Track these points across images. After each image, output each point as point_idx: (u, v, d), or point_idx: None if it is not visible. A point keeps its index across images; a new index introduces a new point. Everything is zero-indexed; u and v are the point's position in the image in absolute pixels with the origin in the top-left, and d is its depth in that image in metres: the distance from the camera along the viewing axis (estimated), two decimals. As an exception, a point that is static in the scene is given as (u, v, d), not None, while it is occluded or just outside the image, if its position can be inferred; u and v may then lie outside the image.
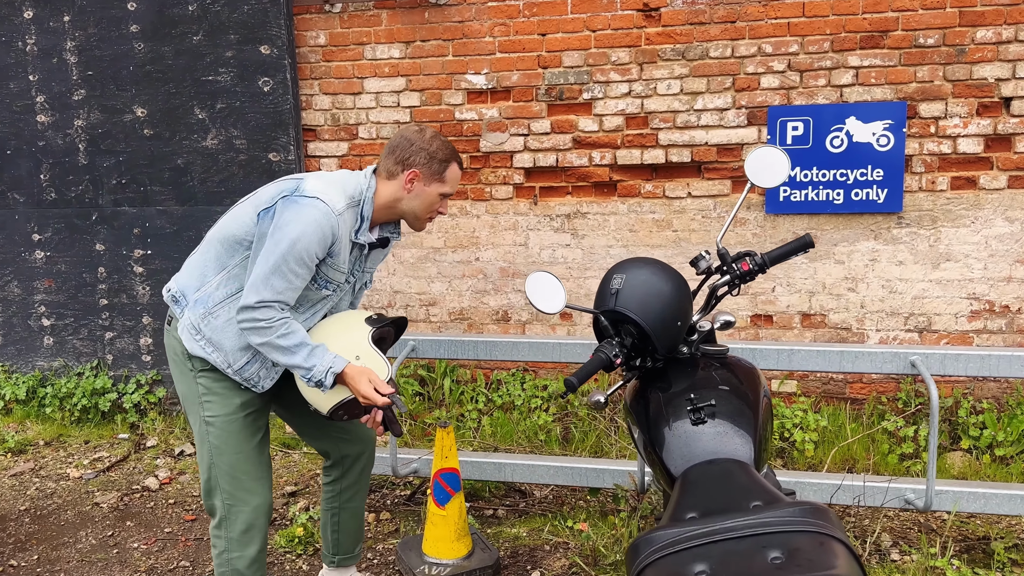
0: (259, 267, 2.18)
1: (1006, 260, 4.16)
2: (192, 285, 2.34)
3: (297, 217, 2.17)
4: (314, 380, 2.22)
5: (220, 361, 2.32)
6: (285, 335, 2.20)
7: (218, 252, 2.32)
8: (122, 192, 4.97)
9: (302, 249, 2.17)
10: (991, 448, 3.98)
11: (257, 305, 2.18)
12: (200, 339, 2.31)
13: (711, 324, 2.15)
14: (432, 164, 2.34)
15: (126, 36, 4.83)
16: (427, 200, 2.37)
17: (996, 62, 4.05)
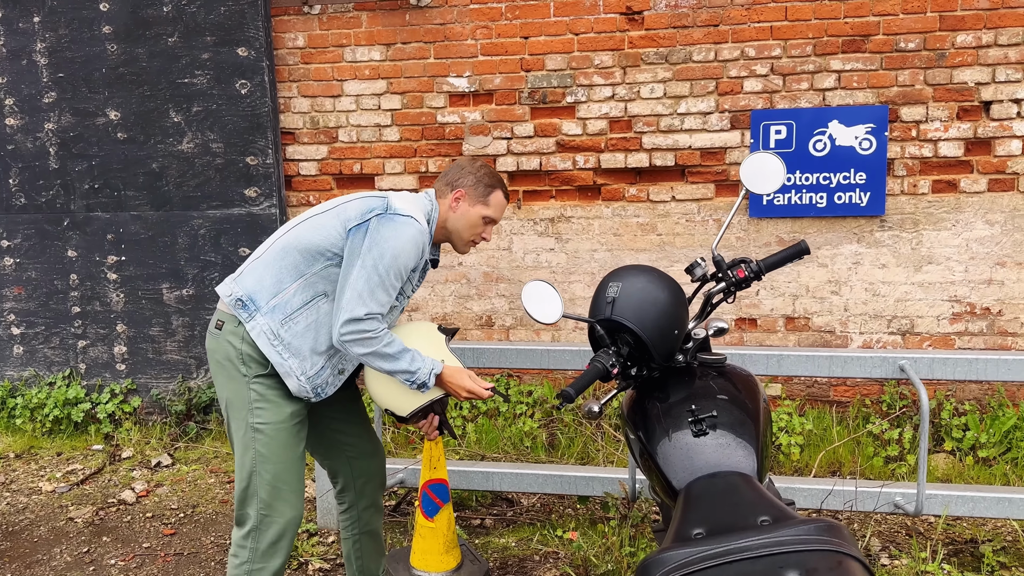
0: (362, 281, 2.27)
1: (986, 263, 4.20)
2: (266, 291, 2.36)
3: (396, 234, 2.30)
4: (418, 382, 2.33)
5: (295, 367, 2.35)
6: (389, 343, 2.31)
7: (296, 260, 2.37)
8: (95, 197, 4.85)
9: (402, 264, 2.31)
10: (974, 449, 4.00)
11: (365, 317, 2.26)
12: (278, 344, 2.34)
13: (706, 331, 2.12)
14: (478, 187, 2.48)
15: (98, 37, 4.71)
16: (470, 221, 2.49)
17: (976, 66, 4.08)
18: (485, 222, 2.51)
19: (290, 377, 2.35)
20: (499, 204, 2.53)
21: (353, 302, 2.27)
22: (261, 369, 2.36)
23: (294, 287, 2.36)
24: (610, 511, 3.37)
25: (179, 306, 4.82)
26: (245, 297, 2.37)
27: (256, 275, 2.39)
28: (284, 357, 2.34)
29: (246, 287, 2.38)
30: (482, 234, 2.54)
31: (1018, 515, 3.00)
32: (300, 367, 2.35)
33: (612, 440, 4.12)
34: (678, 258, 4.45)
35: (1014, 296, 4.19)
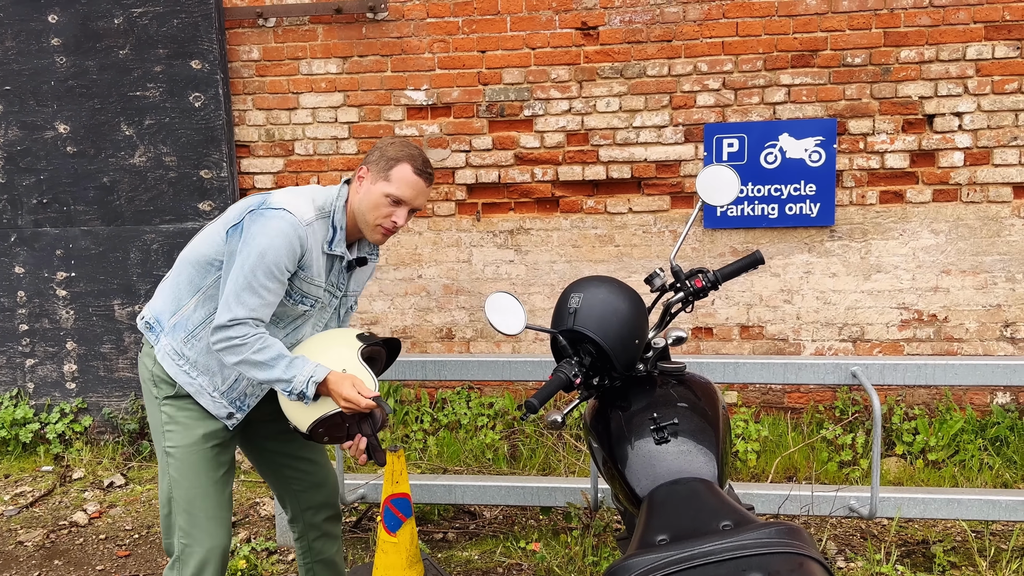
0: (230, 284, 2.11)
1: (932, 271, 4.33)
2: (167, 310, 2.26)
3: (263, 230, 2.10)
4: (295, 392, 2.11)
5: (206, 385, 2.24)
6: (261, 349, 2.11)
7: (191, 274, 2.24)
8: (43, 212, 4.74)
9: (271, 262, 2.09)
10: (924, 453, 4.11)
11: (230, 323, 2.09)
12: (184, 364, 2.23)
13: (665, 341, 2.16)
14: (380, 161, 2.21)
15: (47, 50, 4.62)
16: (371, 200, 2.20)
17: (919, 81, 4.22)
18: (391, 202, 2.20)
19: (202, 395, 2.25)
20: (403, 180, 2.19)
21: (220, 308, 2.12)
22: (170, 390, 2.26)
23: (192, 302, 2.24)
24: (573, 521, 3.39)
25: (131, 322, 4.73)
26: (151, 319, 2.29)
27: (161, 295, 2.31)
28: (192, 376, 2.24)
29: (153, 308, 2.30)
30: (391, 217, 2.21)
31: (966, 516, 3.09)
32: (211, 383, 2.25)
33: (573, 450, 4.14)
34: (636, 269, 4.51)
35: (959, 303, 4.33)
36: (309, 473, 2.52)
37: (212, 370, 2.25)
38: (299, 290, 2.23)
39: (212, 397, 2.25)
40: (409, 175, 2.20)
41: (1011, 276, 4.27)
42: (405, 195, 2.20)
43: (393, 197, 2.19)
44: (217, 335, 2.11)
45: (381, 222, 2.22)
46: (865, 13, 4.21)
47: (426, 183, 2.24)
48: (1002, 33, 4.14)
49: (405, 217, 2.23)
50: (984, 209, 4.26)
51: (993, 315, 4.31)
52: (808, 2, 4.24)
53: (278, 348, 2.13)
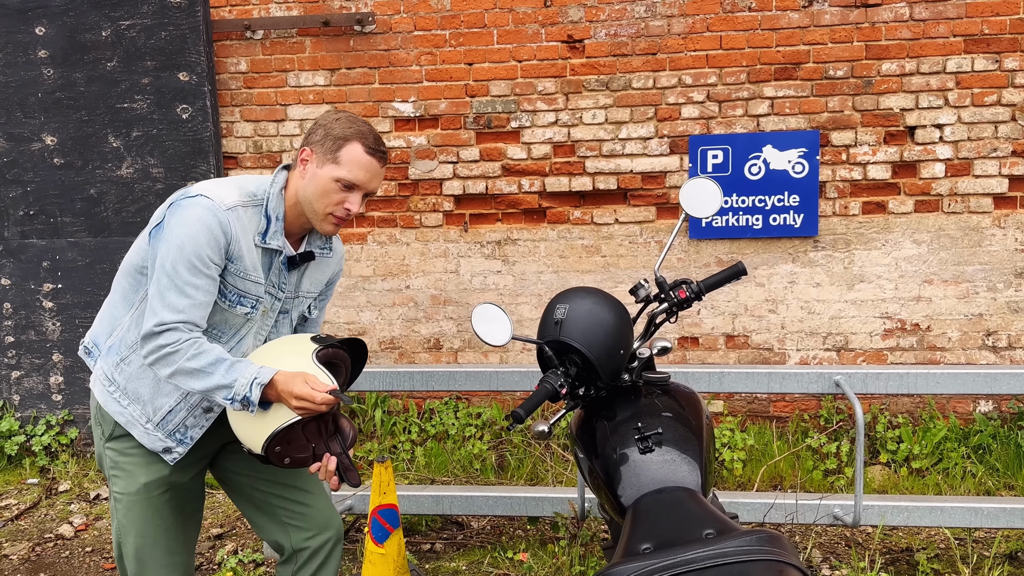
0: (153, 287, 1.88)
1: (915, 280, 4.38)
2: (104, 331, 2.05)
3: (180, 220, 1.87)
4: (238, 398, 1.84)
5: (138, 415, 2.01)
6: (196, 355, 1.85)
7: (123, 288, 2.03)
8: (30, 224, 4.73)
9: (190, 253, 1.85)
10: (908, 461, 4.15)
11: (158, 329, 1.85)
12: (115, 391, 2.01)
13: (650, 351, 2.18)
14: (326, 141, 1.94)
15: (34, 62, 4.62)
16: (319, 186, 1.94)
17: (900, 93, 4.28)
18: (341, 187, 1.94)
19: (134, 427, 2.00)
20: (355, 161, 1.93)
21: (147, 314, 1.87)
22: (110, 427, 2.04)
23: (127, 320, 2.01)
24: (560, 531, 3.41)
25: (119, 334, 4.71)
26: (90, 343, 2.08)
27: (99, 316, 2.09)
28: (123, 405, 2.00)
29: (92, 332, 2.08)
30: (343, 204, 1.96)
31: (949, 523, 3.13)
32: (142, 413, 2.00)
33: (561, 460, 4.16)
34: (622, 279, 4.54)
35: (941, 312, 4.38)
36: (300, 503, 2.19)
37: (142, 397, 2.01)
38: (234, 288, 1.97)
39: (145, 429, 2.01)
40: (361, 156, 1.94)
41: (992, 286, 4.33)
42: (358, 179, 1.95)
43: (344, 182, 1.94)
44: (146, 346, 1.87)
45: (332, 210, 1.97)
46: (847, 27, 4.27)
47: (380, 163, 1.98)
48: (981, 47, 4.21)
49: (359, 203, 1.98)
50: (965, 219, 4.32)
51: (975, 324, 4.37)
52: (791, 16, 4.30)
53: (216, 352, 1.88)
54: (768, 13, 4.31)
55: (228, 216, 1.91)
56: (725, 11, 4.33)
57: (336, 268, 2.24)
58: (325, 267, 2.19)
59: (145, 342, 1.88)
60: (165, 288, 1.86)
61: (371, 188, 2.00)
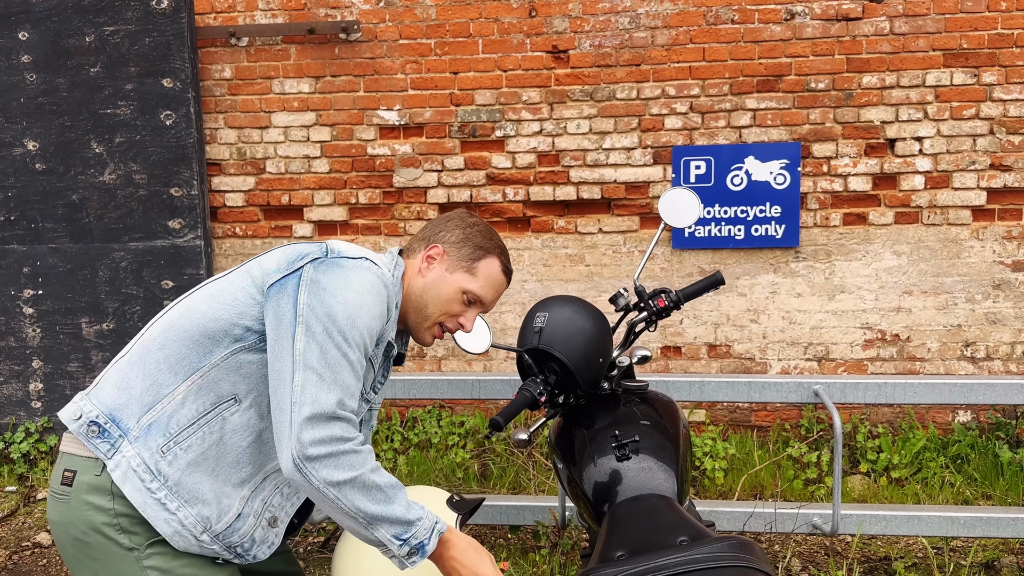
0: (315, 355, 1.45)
1: (895, 291, 4.42)
2: (135, 402, 1.53)
3: (347, 283, 1.52)
4: (414, 542, 1.47)
5: (193, 523, 1.52)
6: (376, 470, 1.46)
7: (182, 350, 1.55)
8: (11, 229, 4.70)
9: (364, 326, 1.51)
10: (887, 470, 4.18)
11: (337, 414, 1.43)
12: (160, 489, 1.50)
13: (630, 359, 2.19)
14: (465, 247, 1.73)
15: (16, 67, 4.60)
16: (443, 291, 1.72)
17: (881, 106, 4.33)
18: (466, 300, 1.74)
19: (184, 538, 1.51)
20: (491, 277, 1.75)
21: (312, 389, 1.42)
22: (150, 533, 1.51)
23: (182, 390, 1.53)
24: (541, 540, 3.41)
25: (99, 340, 4.69)
26: (103, 418, 1.53)
27: (118, 379, 1.56)
28: (171, 509, 1.50)
29: (103, 401, 1.55)
30: (459, 318, 1.75)
31: (927, 532, 3.15)
32: (200, 519, 1.52)
33: (543, 469, 4.16)
34: (606, 288, 4.55)
35: (921, 323, 4.42)
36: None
37: (202, 496, 1.52)
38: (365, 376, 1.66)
39: (199, 542, 1.53)
40: (498, 274, 1.77)
41: (971, 297, 4.37)
42: (487, 296, 1.76)
43: (472, 296, 1.74)
44: (316, 431, 1.40)
45: (445, 320, 1.75)
46: (828, 40, 4.32)
47: (507, 282, 1.83)
48: (960, 60, 4.27)
49: (472, 321, 1.77)
50: (944, 231, 4.37)
51: (954, 335, 4.41)
52: (773, 29, 4.34)
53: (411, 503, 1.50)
54: (750, 26, 4.35)
55: (391, 294, 1.62)
56: (708, 23, 4.37)
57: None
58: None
59: (314, 427, 1.41)
60: (336, 362, 1.46)
61: (490, 305, 1.81)
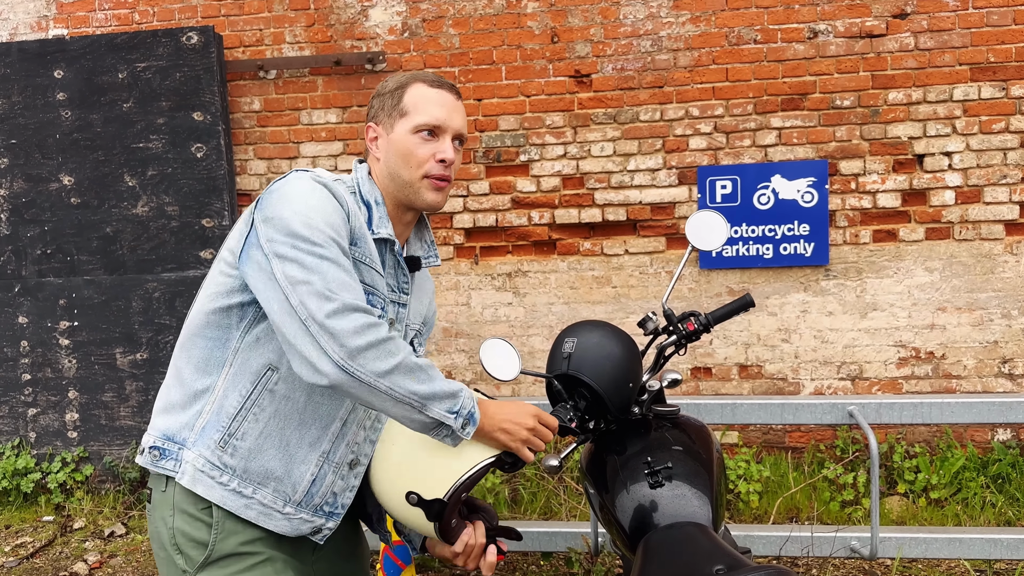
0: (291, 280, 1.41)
1: (928, 308, 4.35)
2: (182, 413, 1.57)
3: (286, 199, 1.48)
4: (464, 412, 1.47)
5: (273, 500, 1.57)
6: (412, 351, 1.46)
7: (206, 348, 1.57)
8: (47, 262, 4.80)
9: (321, 222, 1.46)
10: (926, 491, 4.09)
11: (350, 307, 1.40)
12: (231, 479, 1.54)
13: (660, 383, 2.18)
14: (385, 101, 1.65)
15: (52, 104, 4.72)
16: (399, 149, 1.62)
17: (908, 122, 4.29)
18: (424, 137, 1.61)
19: (271, 516, 1.56)
20: (424, 99, 1.61)
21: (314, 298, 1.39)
22: (202, 551, 1.53)
23: (221, 386, 1.55)
24: (574, 566, 3.38)
25: (133, 370, 4.75)
26: (159, 440, 1.58)
27: (162, 403, 1.62)
28: (248, 493, 1.55)
29: (156, 426, 1.60)
30: (437, 155, 1.61)
31: (969, 555, 3.08)
32: (279, 494, 1.57)
33: (574, 494, 4.14)
34: (633, 310, 4.54)
35: (956, 340, 4.34)
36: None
37: (274, 474, 1.56)
38: (361, 279, 1.57)
39: (284, 514, 1.58)
40: (427, 91, 1.63)
41: (1007, 312, 4.30)
42: (437, 117, 1.61)
43: (425, 127, 1.62)
44: (346, 322, 1.37)
45: (426, 169, 1.62)
46: (852, 57, 4.30)
47: (453, 95, 1.66)
48: (987, 75, 4.22)
49: (453, 149, 1.64)
50: (977, 246, 4.30)
51: (990, 352, 4.33)
52: (796, 48, 4.34)
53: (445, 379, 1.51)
54: (773, 45, 4.35)
55: (336, 185, 1.55)
56: (731, 44, 4.38)
57: (431, 298, 1.90)
58: (423, 293, 1.85)
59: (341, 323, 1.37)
60: (313, 267, 1.41)
61: (456, 126, 1.64)
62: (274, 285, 1.42)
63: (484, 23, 4.55)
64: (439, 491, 1.51)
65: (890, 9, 4.26)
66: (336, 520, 1.66)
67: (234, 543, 1.55)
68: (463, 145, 1.70)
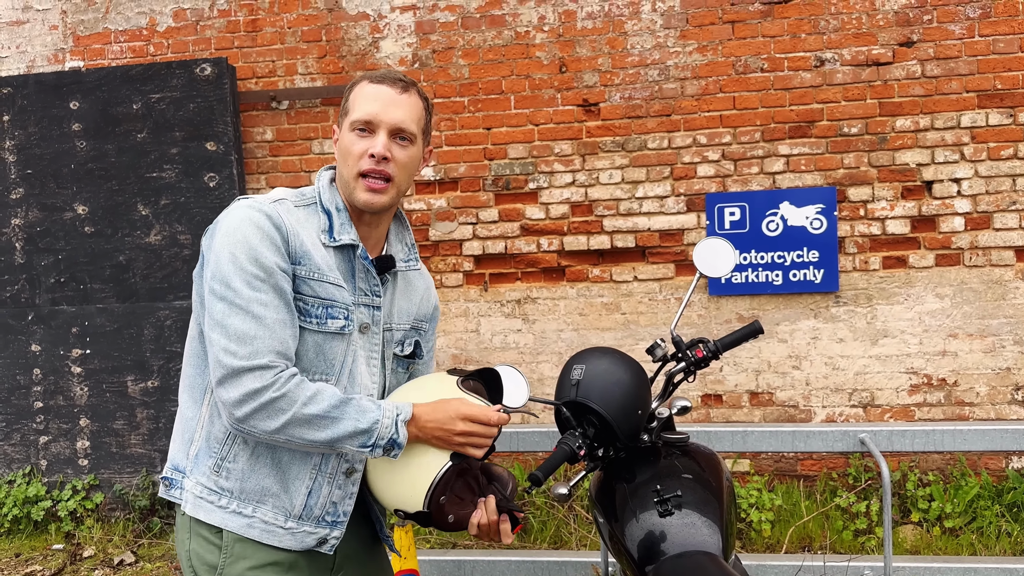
0: (208, 324, 1.51)
1: (939, 335, 4.33)
2: (182, 442, 1.64)
3: (221, 233, 1.53)
4: (382, 442, 1.51)
5: (273, 517, 1.59)
6: (312, 398, 1.48)
7: (190, 379, 1.63)
8: (60, 291, 4.84)
9: (245, 260, 1.49)
10: (940, 520, 4.05)
11: (237, 372, 1.45)
12: (230, 501, 1.58)
13: (669, 411, 2.18)
14: (343, 103, 1.66)
15: (68, 135, 4.79)
16: (340, 149, 1.63)
17: (916, 148, 4.31)
18: (359, 134, 1.60)
19: (274, 533, 1.58)
20: (361, 97, 1.61)
21: (217, 350, 1.47)
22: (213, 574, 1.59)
23: (205, 411, 1.60)
24: (584, 595, 3.35)
25: (144, 398, 4.77)
26: (168, 471, 1.65)
27: (174, 429, 1.69)
28: (248, 513, 1.58)
29: (169, 457, 1.67)
30: (367, 151, 1.58)
31: (985, 585, 3.04)
32: (279, 510, 1.59)
33: (585, 522, 4.11)
34: (643, 336, 4.54)
35: (968, 367, 4.32)
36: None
37: (271, 491, 1.58)
38: (314, 297, 1.57)
39: (287, 529, 1.60)
40: (367, 88, 1.61)
41: (1019, 339, 4.27)
42: (370, 111, 1.59)
43: (358, 123, 1.60)
44: (229, 392, 1.45)
45: (359, 166, 1.60)
46: (859, 85, 4.33)
47: (395, 89, 1.61)
48: (995, 101, 4.24)
49: (384, 144, 1.59)
50: (988, 273, 4.29)
51: (1003, 378, 4.30)
52: (803, 76, 4.37)
53: (332, 391, 1.52)
54: (780, 73, 4.38)
55: (275, 208, 1.55)
56: (737, 72, 4.41)
57: (423, 295, 1.86)
58: (410, 291, 1.82)
59: (225, 388, 1.46)
60: (224, 316, 1.47)
61: (393, 120, 1.60)
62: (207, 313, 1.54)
63: (493, 54, 4.61)
64: (417, 503, 1.56)
65: (896, 37, 4.30)
66: (340, 528, 1.66)
67: (242, 567, 1.58)
68: (414, 142, 1.65)
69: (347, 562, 1.74)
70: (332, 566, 1.70)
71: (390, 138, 1.61)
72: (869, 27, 4.32)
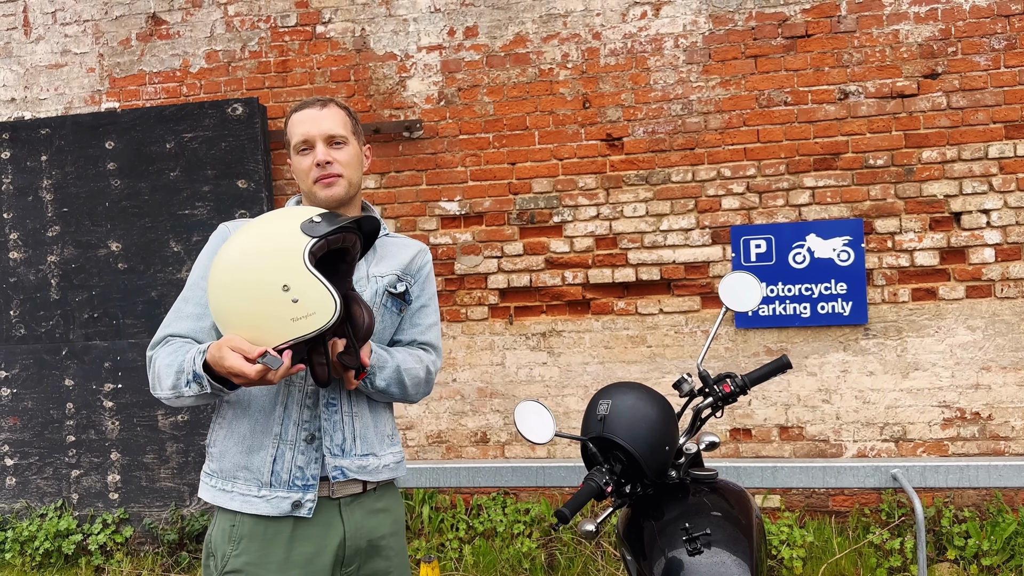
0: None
1: (972, 368, 4.27)
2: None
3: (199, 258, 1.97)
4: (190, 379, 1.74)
5: (248, 488, 1.84)
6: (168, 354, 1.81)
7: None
8: (94, 326, 4.93)
9: (198, 275, 1.92)
10: (977, 558, 3.95)
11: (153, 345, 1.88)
12: (218, 480, 1.89)
13: (697, 446, 2.16)
14: (285, 138, 2.01)
15: (103, 173, 4.91)
16: (295, 171, 1.98)
17: (943, 180, 4.28)
18: (303, 154, 1.93)
19: (252, 503, 1.83)
20: (293, 123, 1.96)
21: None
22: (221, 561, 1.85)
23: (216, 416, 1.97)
24: (612, 634, 3.30)
25: (174, 432, 4.82)
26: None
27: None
28: (230, 488, 1.86)
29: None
30: (313, 162, 1.90)
31: (1025, 625, 2.96)
32: (252, 480, 1.85)
33: (612, 559, 4.06)
34: (669, 369, 4.51)
35: (1002, 400, 4.24)
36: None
37: (240, 464, 1.86)
38: None
39: (261, 497, 1.83)
40: (297, 116, 1.96)
41: (1054, 371, 4.19)
42: (306, 132, 1.92)
43: (299, 146, 1.94)
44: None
45: (312, 176, 1.92)
46: (884, 117, 4.32)
47: (318, 107, 1.95)
48: (1022, 132, 4.21)
49: (323, 151, 1.91)
50: (1020, 304, 4.23)
51: (1039, 412, 4.21)
52: (827, 108, 4.37)
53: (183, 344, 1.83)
54: (804, 107, 4.39)
55: (238, 223, 1.94)
56: (761, 106, 4.43)
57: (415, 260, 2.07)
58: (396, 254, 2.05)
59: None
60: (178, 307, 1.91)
61: (323, 131, 1.92)
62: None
63: (518, 91, 4.67)
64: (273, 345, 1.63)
65: (921, 69, 4.30)
66: (313, 491, 1.84)
67: (241, 562, 1.82)
68: (347, 142, 1.95)
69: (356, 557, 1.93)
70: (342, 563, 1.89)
71: (327, 146, 1.93)
72: (893, 59, 4.32)
